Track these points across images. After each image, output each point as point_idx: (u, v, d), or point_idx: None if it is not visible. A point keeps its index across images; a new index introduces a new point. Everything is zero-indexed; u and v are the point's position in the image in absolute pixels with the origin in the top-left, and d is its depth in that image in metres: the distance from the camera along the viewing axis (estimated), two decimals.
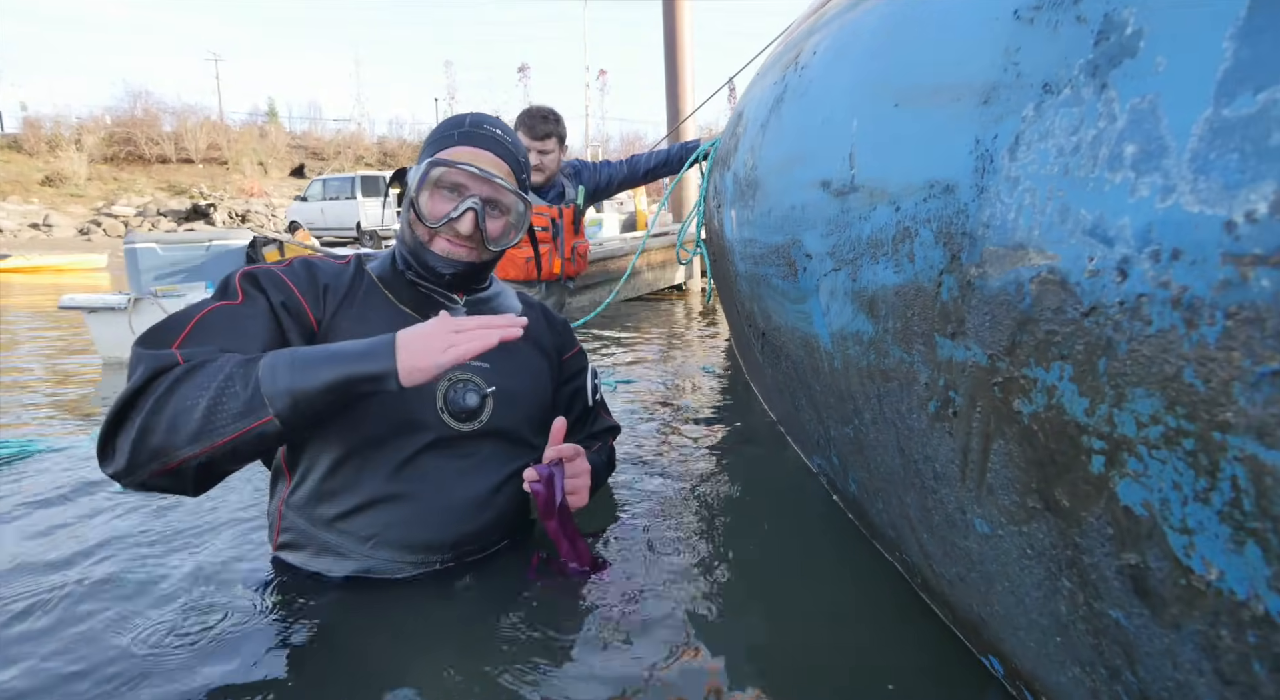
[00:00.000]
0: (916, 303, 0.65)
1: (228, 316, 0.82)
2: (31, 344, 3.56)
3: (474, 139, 0.95)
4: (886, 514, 0.97)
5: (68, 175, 20.22)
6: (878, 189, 0.73)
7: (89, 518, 1.30)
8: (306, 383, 0.73)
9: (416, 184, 0.93)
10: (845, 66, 0.88)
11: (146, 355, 0.74)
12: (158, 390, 0.72)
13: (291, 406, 0.73)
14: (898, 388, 0.73)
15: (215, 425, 0.71)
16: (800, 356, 1.15)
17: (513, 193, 0.96)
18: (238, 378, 0.73)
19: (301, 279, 0.91)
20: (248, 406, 0.71)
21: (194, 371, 0.73)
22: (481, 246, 0.96)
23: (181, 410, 0.71)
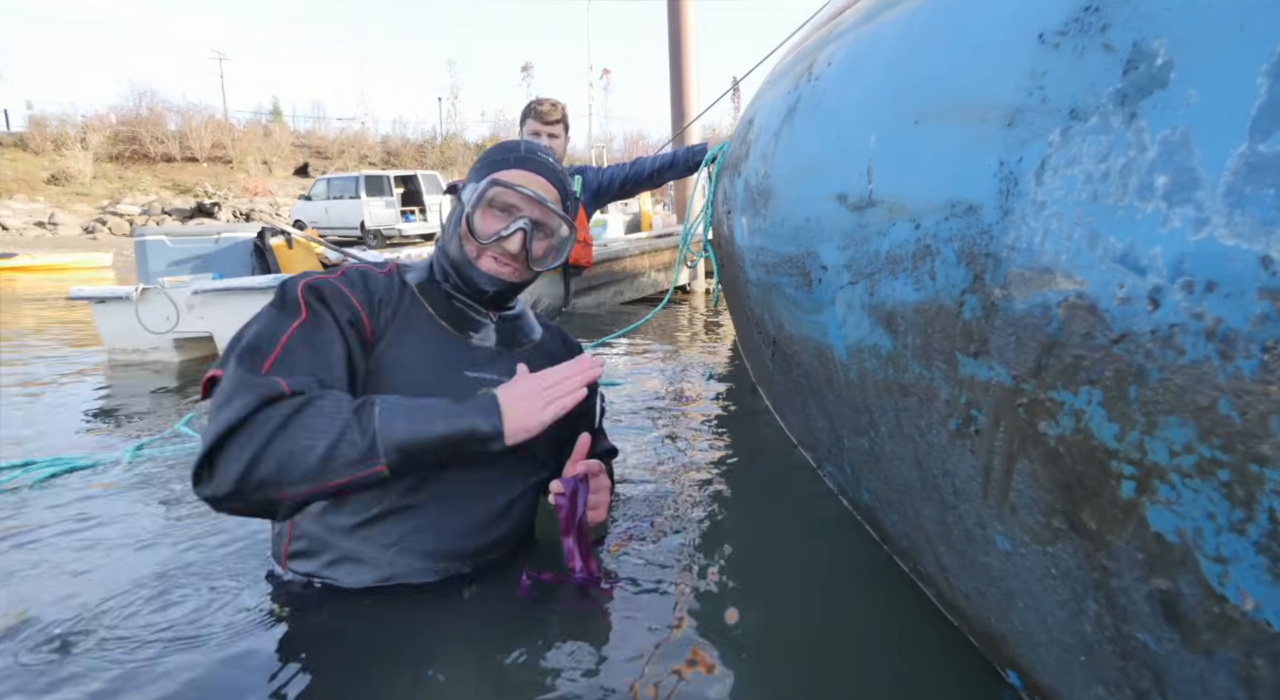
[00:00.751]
0: (938, 320, 0.65)
1: (306, 339, 0.83)
2: (39, 338, 3.58)
3: (528, 164, 1.00)
4: (901, 525, 0.97)
5: (73, 174, 20.30)
6: (897, 205, 0.73)
7: (98, 533, 1.31)
8: (419, 437, 0.78)
9: (473, 201, 0.97)
10: (861, 80, 0.88)
11: (251, 383, 0.75)
12: (270, 423, 0.74)
13: (403, 460, 0.78)
14: (917, 403, 0.73)
15: (330, 469, 0.75)
16: (813, 366, 1.15)
17: (560, 216, 1.01)
18: (354, 426, 0.76)
19: (360, 290, 0.93)
20: (364, 455, 0.75)
21: (309, 408, 0.76)
22: (525, 266, 1.01)
23: (298, 450, 0.74)
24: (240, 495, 0.75)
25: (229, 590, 1.02)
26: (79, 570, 1.13)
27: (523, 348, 1.07)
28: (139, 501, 1.46)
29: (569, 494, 0.95)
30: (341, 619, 0.90)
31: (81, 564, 1.15)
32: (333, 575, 0.93)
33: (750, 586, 1.09)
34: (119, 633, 0.92)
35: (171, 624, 0.94)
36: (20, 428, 2.07)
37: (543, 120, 2.32)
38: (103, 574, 1.11)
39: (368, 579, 0.92)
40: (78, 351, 3.30)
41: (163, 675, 0.83)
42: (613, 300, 5.44)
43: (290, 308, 0.86)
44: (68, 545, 1.23)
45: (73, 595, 1.03)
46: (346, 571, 0.92)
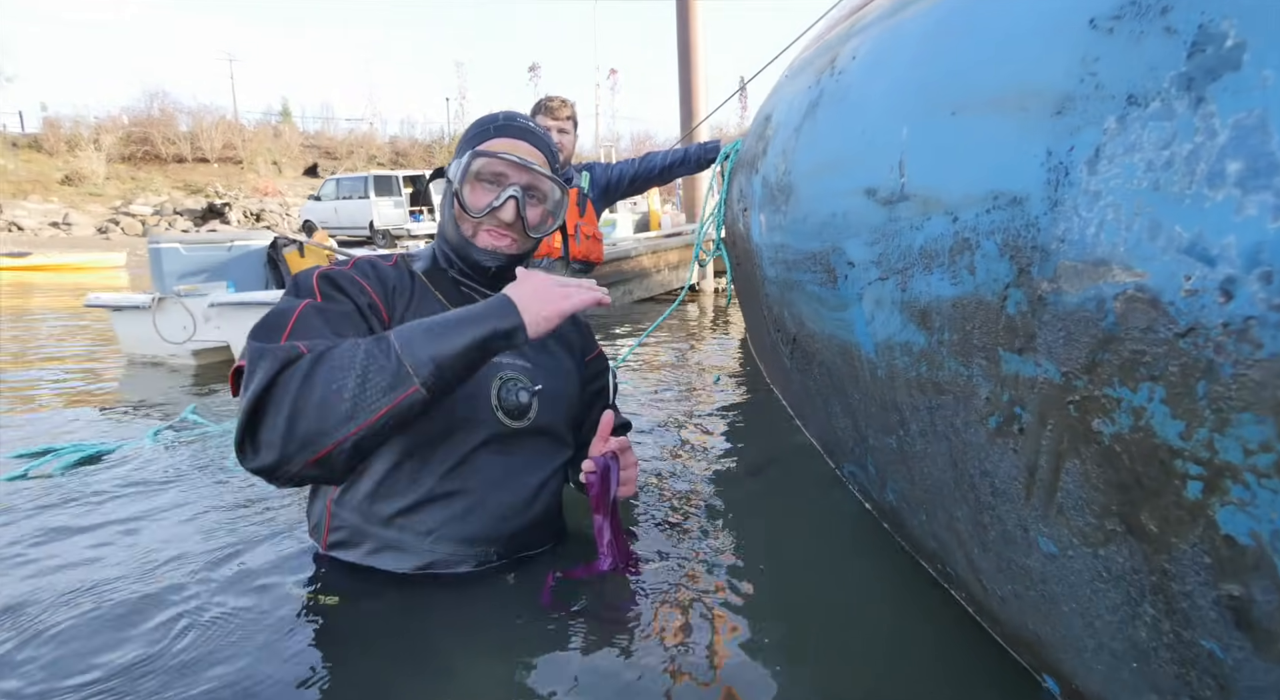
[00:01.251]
0: (977, 316, 0.63)
1: (320, 313, 0.82)
2: (58, 340, 3.61)
3: (509, 131, 0.99)
4: (930, 526, 0.95)
5: (86, 174, 20.51)
6: (931, 198, 0.71)
7: (133, 521, 1.31)
8: (445, 348, 0.74)
9: (459, 176, 0.95)
10: (889, 72, 0.86)
11: (268, 350, 0.73)
12: (297, 376, 0.71)
13: (435, 373, 0.74)
14: (952, 401, 0.71)
15: (365, 402, 0.71)
16: (836, 363, 1.13)
17: (549, 178, 0.99)
18: (377, 354, 0.73)
19: (372, 279, 0.93)
20: (395, 379, 0.72)
21: (327, 355, 0.73)
22: (522, 234, 0.99)
23: (328, 394, 0.70)
24: (288, 459, 0.71)
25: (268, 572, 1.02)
26: (116, 555, 1.13)
27: None
28: (171, 485, 1.46)
29: (600, 472, 0.95)
30: (380, 604, 0.90)
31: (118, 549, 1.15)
32: (375, 563, 0.94)
33: (770, 586, 1.07)
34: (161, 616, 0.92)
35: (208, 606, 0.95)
36: (43, 420, 2.08)
37: (552, 116, 2.33)
38: (141, 557, 1.11)
39: (408, 566, 0.93)
40: (97, 350, 3.32)
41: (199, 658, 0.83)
42: (622, 299, 5.43)
43: (304, 292, 0.86)
44: (101, 529, 1.24)
45: (114, 579, 1.04)
46: (387, 560, 0.93)
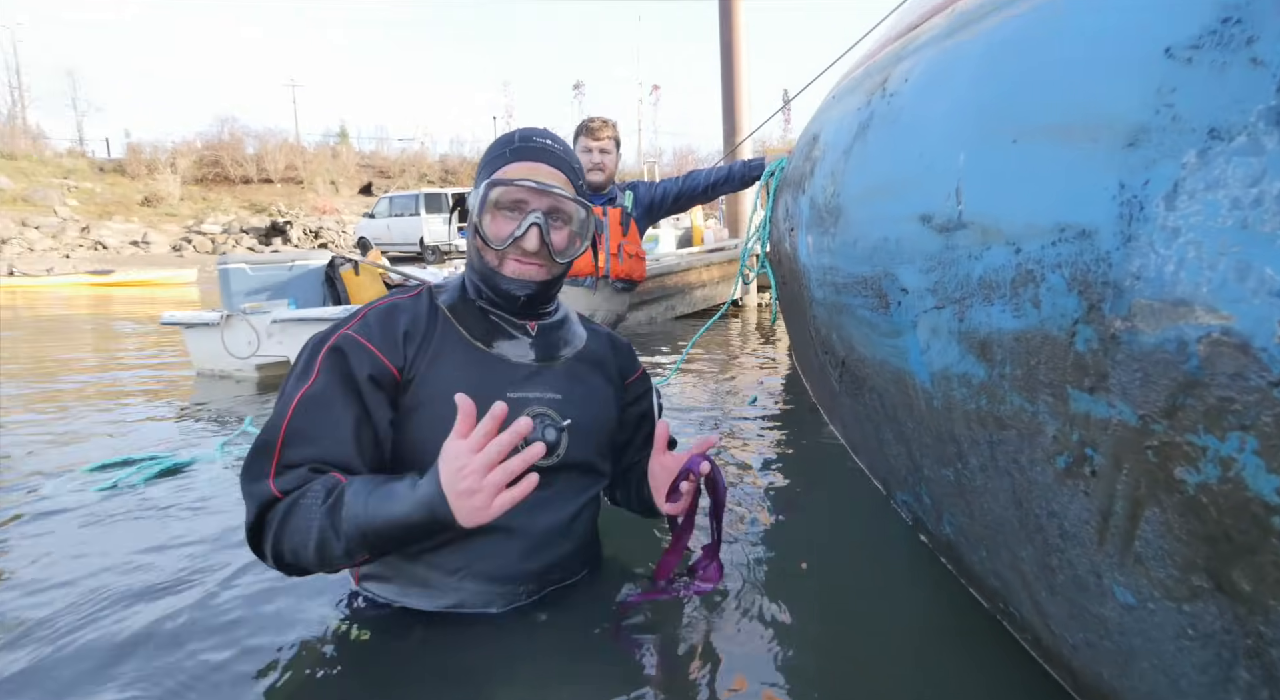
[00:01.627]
0: (1043, 351, 0.61)
1: (313, 411, 0.85)
2: (135, 353, 3.85)
3: (525, 153, 0.94)
4: (991, 564, 0.91)
5: (163, 196, 21.93)
6: (991, 228, 0.69)
7: (186, 541, 1.38)
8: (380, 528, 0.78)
9: (478, 208, 0.93)
10: (946, 95, 0.84)
11: (250, 493, 0.83)
12: (271, 527, 0.81)
13: (377, 549, 0.81)
14: (1016, 437, 0.69)
15: (328, 563, 0.81)
16: (889, 390, 1.10)
17: (572, 200, 0.95)
18: (329, 529, 0.78)
19: (377, 336, 0.91)
20: (347, 551, 0.79)
21: (292, 514, 0.81)
22: (550, 260, 0.96)
23: (296, 549, 0.80)
24: (289, 573, 0.85)
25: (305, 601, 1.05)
26: (160, 570, 1.19)
27: (565, 358, 1.03)
28: (230, 502, 1.53)
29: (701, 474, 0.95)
30: (409, 643, 0.91)
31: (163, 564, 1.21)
32: (405, 601, 0.94)
33: (823, 618, 1.05)
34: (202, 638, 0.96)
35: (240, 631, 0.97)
36: (125, 429, 2.22)
37: (593, 136, 2.35)
38: (185, 576, 1.16)
39: (436, 605, 0.93)
40: (171, 363, 3.53)
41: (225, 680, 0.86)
42: (664, 315, 5.44)
43: (304, 374, 0.88)
44: (155, 547, 1.30)
45: (153, 593, 1.09)
46: (416, 597, 0.94)
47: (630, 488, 1.12)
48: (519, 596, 0.96)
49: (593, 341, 1.10)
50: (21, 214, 18.23)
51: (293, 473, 0.83)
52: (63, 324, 5.61)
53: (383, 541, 0.79)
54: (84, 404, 2.65)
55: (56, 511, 1.52)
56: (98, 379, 3.16)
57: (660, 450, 0.97)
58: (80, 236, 18.16)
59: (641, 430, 1.17)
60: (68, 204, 19.97)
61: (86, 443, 2.09)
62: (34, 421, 2.38)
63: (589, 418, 1.02)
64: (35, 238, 17.36)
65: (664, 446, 0.98)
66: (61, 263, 14.45)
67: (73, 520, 1.47)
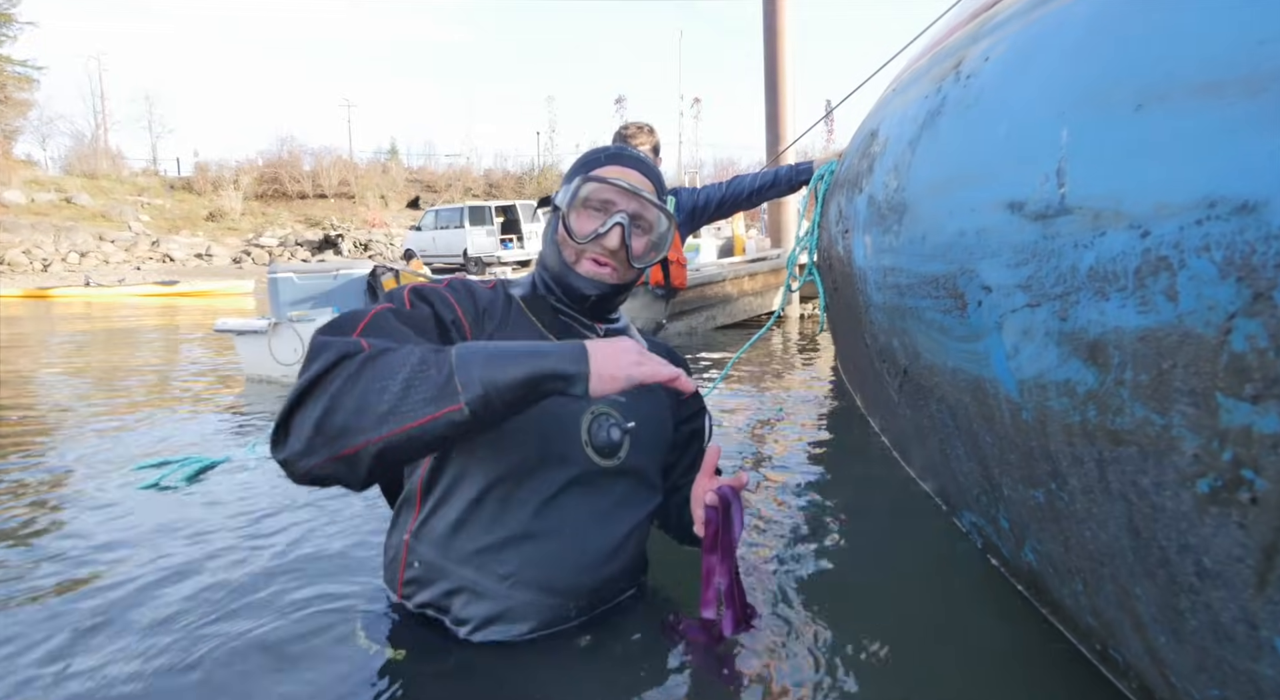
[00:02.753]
0: (1181, 352, 0.51)
1: (397, 316, 0.82)
2: (192, 361, 3.99)
3: (620, 159, 0.98)
4: (1090, 600, 0.80)
5: (226, 211, 23.08)
6: (1106, 210, 0.59)
7: (219, 543, 1.36)
8: (500, 375, 0.70)
9: (568, 201, 0.94)
10: (1040, 69, 0.75)
11: (332, 342, 0.72)
12: (347, 370, 0.69)
13: (483, 397, 0.69)
14: (1139, 454, 0.58)
15: (406, 407, 0.68)
16: (964, 402, 1.00)
17: (657, 207, 0.97)
18: (432, 362, 0.70)
19: (464, 298, 0.92)
20: (441, 391, 0.68)
21: (384, 354, 0.71)
22: (625, 265, 0.97)
23: (372, 390, 0.68)
24: (313, 451, 0.68)
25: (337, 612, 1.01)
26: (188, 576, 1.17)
27: None
28: (265, 503, 1.52)
29: (721, 507, 0.85)
30: (446, 666, 0.85)
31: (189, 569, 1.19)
32: (448, 606, 0.88)
33: (892, 650, 0.94)
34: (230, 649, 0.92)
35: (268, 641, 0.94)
36: (172, 431, 2.26)
37: (632, 143, 2.27)
38: (213, 580, 1.14)
39: (483, 612, 0.87)
40: (223, 368, 3.64)
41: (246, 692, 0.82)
42: (705, 325, 5.35)
43: (392, 300, 0.86)
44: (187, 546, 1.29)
45: (185, 598, 1.06)
46: (462, 602, 0.87)
47: (671, 512, 1.08)
48: (568, 613, 0.90)
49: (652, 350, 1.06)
50: (99, 229, 19.45)
51: (381, 341, 0.75)
52: (132, 331, 5.90)
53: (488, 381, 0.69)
54: (140, 406, 2.73)
55: (101, 507, 1.54)
56: (154, 383, 3.27)
57: (707, 473, 0.91)
58: (150, 250, 19.23)
59: (690, 450, 1.11)
60: (140, 219, 21.20)
61: (137, 443, 2.13)
62: (93, 421, 2.45)
63: (650, 425, 0.99)
64: (111, 251, 18.46)
65: (711, 470, 0.91)
66: (132, 274, 15.31)
67: (113, 516, 1.48)
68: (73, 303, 9.78)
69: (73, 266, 16.79)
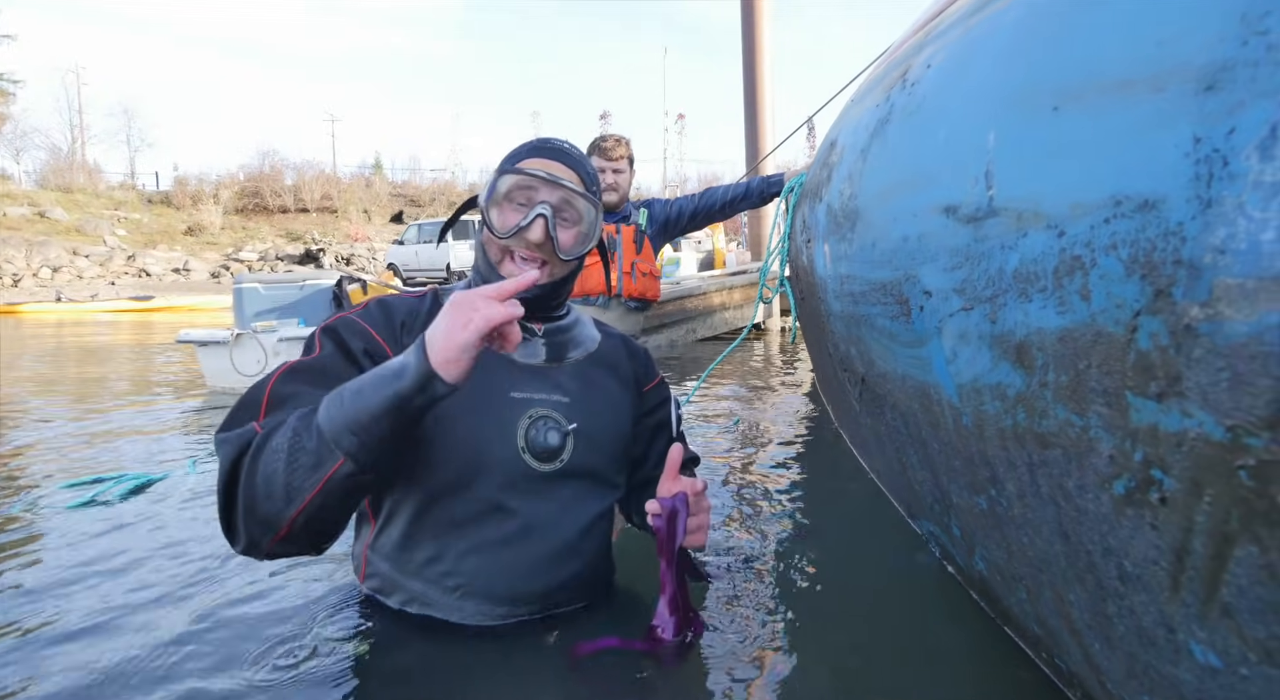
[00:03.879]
0: (1094, 351, 0.51)
1: (302, 375, 0.80)
2: (158, 372, 3.90)
3: (543, 151, 0.93)
4: (1032, 607, 0.79)
5: (205, 225, 22.82)
6: (1028, 211, 0.59)
7: (167, 550, 1.32)
8: (363, 415, 0.69)
9: (486, 197, 0.91)
10: (972, 75, 0.76)
11: (229, 438, 0.74)
12: (244, 467, 0.72)
13: (358, 443, 0.69)
14: (1062, 457, 0.58)
15: (299, 481, 0.70)
16: (912, 408, 0.99)
17: (582, 196, 0.91)
18: (303, 431, 0.70)
19: (378, 320, 0.89)
20: (319, 456, 0.69)
21: (269, 437, 0.72)
22: (554, 258, 0.91)
23: (267, 477, 0.70)
24: (257, 541, 0.73)
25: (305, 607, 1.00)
26: (165, 580, 1.12)
27: (575, 359, 0.98)
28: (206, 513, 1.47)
29: (666, 516, 0.84)
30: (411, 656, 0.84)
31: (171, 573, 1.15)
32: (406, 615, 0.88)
33: (850, 661, 0.93)
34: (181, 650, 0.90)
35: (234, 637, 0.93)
36: (122, 445, 2.20)
37: (606, 156, 2.27)
38: (175, 586, 1.09)
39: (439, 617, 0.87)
40: (187, 382, 3.55)
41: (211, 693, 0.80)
42: (685, 338, 5.34)
43: (308, 350, 0.84)
44: (138, 558, 1.24)
45: (160, 601, 1.02)
46: (417, 612, 0.88)
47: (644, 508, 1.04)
48: (519, 616, 0.89)
49: (606, 344, 1.05)
50: (74, 243, 19.10)
51: (277, 416, 0.75)
52: (100, 345, 5.77)
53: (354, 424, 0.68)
54: (93, 419, 2.65)
55: (32, 527, 1.48)
56: (116, 393, 3.18)
57: (670, 475, 0.89)
58: (126, 264, 18.91)
59: (657, 443, 1.09)
60: (116, 234, 20.88)
61: (80, 458, 2.07)
62: (40, 435, 2.38)
63: (599, 423, 0.96)
64: (84, 266, 18.13)
65: (675, 471, 0.90)
66: (106, 289, 15.04)
67: (46, 536, 1.42)
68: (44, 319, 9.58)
69: (44, 282, 16.47)
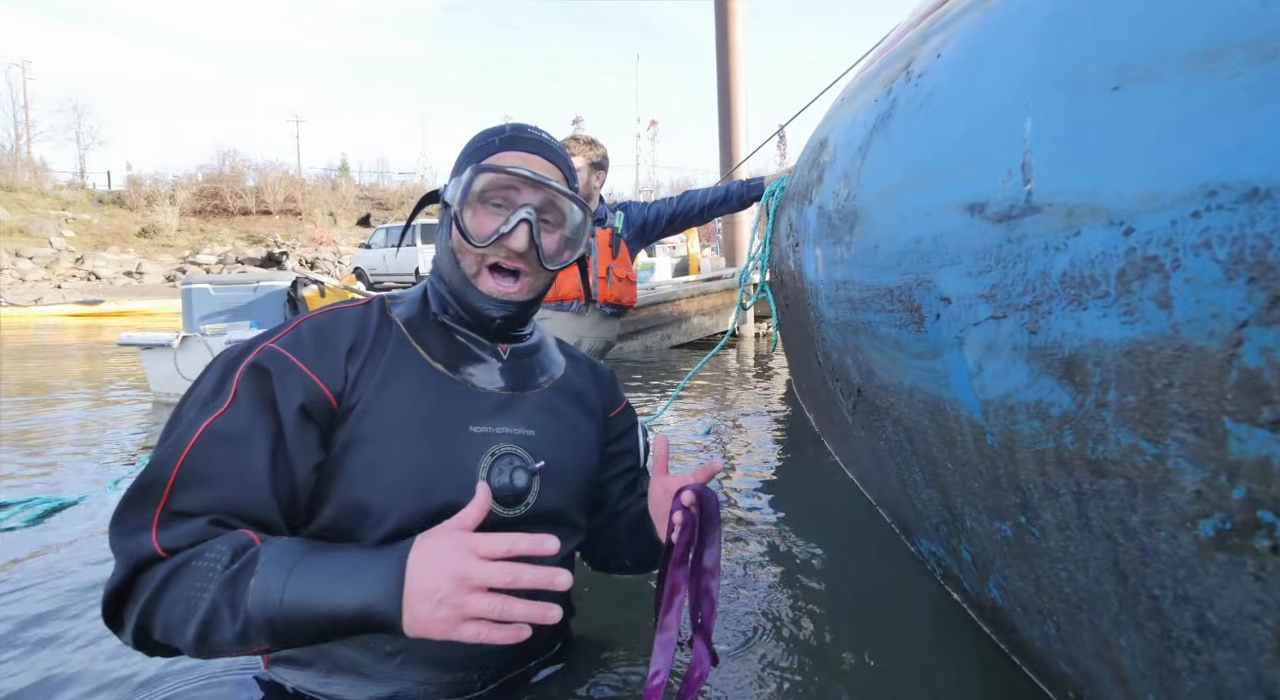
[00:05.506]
0: (1178, 369, 0.43)
1: (221, 448, 0.66)
2: (84, 378, 3.65)
3: (519, 143, 0.80)
4: (1064, 646, 0.72)
5: (160, 227, 21.96)
6: (1081, 206, 0.52)
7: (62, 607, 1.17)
8: (296, 617, 0.60)
9: (459, 197, 0.76)
10: (999, 59, 0.69)
11: (122, 548, 0.63)
12: (140, 597, 0.61)
13: (282, 641, 0.61)
14: (1126, 488, 0.50)
15: (210, 650, 0.62)
16: (922, 424, 0.92)
17: (569, 197, 0.79)
18: (224, 603, 0.59)
19: (310, 352, 0.73)
20: (239, 638, 0.60)
21: (175, 579, 0.61)
22: (536, 267, 0.79)
23: (171, 626, 0.61)
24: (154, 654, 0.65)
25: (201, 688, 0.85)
26: (47, 635, 0.98)
27: (540, 387, 0.86)
28: None
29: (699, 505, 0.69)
30: None
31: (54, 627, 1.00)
32: (327, 689, 0.73)
33: (850, 691, 0.84)
34: None
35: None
36: (46, 463, 2.01)
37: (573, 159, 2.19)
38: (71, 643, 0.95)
39: (369, 696, 0.72)
40: (127, 392, 3.32)
41: None
42: (660, 344, 5.28)
43: (213, 398, 0.69)
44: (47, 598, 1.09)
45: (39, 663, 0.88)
46: (345, 686, 0.73)
47: (618, 538, 0.93)
48: (471, 684, 0.76)
49: (572, 370, 0.92)
50: (16, 245, 18.15)
51: (185, 525, 0.63)
52: (41, 348, 5.43)
53: (293, 633, 0.60)
54: (23, 425, 2.44)
55: None
56: (43, 403, 2.95)
57: (661, 471, 0.80)
58: (74, 267, 18.05)
59: (625, 475, 0.98)
60: (63, 235, 19.92)
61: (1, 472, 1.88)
62: None
63: (566, 459, 0.84)
64: (28, 268, 17.25)
65: (664, 466, 0.81)
66: (52, 293, 14.30)
67: None
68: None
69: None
